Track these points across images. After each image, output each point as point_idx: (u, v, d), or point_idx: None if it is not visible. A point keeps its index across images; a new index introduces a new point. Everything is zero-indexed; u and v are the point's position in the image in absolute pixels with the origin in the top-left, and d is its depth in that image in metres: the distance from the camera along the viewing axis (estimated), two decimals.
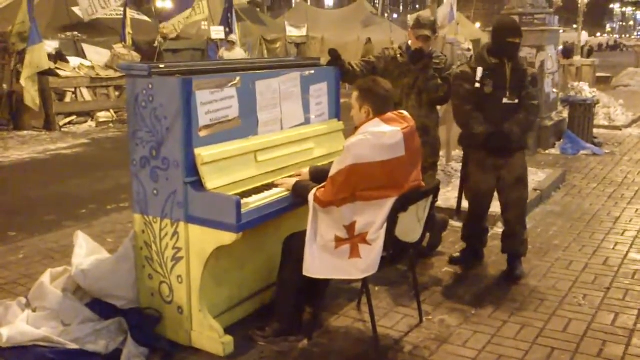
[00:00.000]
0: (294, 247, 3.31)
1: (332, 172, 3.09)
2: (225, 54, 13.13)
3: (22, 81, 11.07)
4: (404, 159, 3.10)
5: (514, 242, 4.39)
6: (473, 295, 4.08)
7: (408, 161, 3.14)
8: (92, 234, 4.41)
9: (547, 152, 8.80)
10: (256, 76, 3.55)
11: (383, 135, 3.05)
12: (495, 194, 4.44)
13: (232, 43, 13.22)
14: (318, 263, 3.12)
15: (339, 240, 3.09)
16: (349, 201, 3.04)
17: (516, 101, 4.22)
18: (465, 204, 4.63)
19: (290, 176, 3.57)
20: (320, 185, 3.17)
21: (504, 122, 4.18)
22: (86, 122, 12.11)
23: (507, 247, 4.43)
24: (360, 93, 3.26)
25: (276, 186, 3.41)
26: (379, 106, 3.21)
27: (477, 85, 4.20)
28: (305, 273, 3.14)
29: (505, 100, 4.20)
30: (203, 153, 3.14)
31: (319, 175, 3.39)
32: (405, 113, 3.30)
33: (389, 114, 3.19)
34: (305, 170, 3.58)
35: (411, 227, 3.31)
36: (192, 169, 3.13)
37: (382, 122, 3.13)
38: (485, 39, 17.43)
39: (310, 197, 3.14)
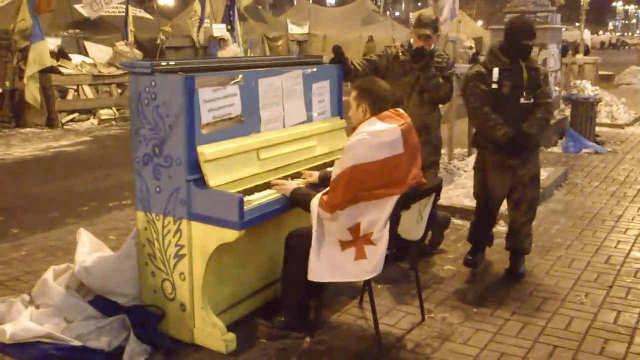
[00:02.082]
0: (297, 243, 3.31)
1: (334, 175, 3.08)
2: (220, 52, 12.61)
3: (26, 79, 11.07)
4: (403, 156, 3.10)
5: (520, 240, 4.34)
6: (475, 293, 4.08)
7: (407, 158, 3.13)
8: (95, 232, 4.41)
9: (549, 150, 8.78)
10: (259, 74, 3.55)
11: (381, 133, 3.05)
12: None
13: (225, 41, 12.58)
14: (324, 268, 3.11)
15: (344, 244, 3.09)
16: (352, 203, 3.03)
17: (532, 101, 4.15)
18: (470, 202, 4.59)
19: (302, 176, 3.57)
20: (324, 191, 3.16)
21: (521, 123, 4.10)
22: (88, 119, 12.10)
23: (512, 244, 4.40)
24: (359, 92, 3.26)
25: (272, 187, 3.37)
26: (377, 105, 3.20)
27: (495, 86, 4.10)
28: (311, 278, 3.13)
29: (522, 101, 4.12)
30: (206, 151, 3.14)
31: (328, 181, 3.28)
32: (402, 110, 3.29)
33: (385, 112, 3.19)
34: (317, 174, 3.57)
35: (413, 225, 3.31)
36: (194, 166, 3.14)
37: (378, 121, 3.12)
38: (488, 37, 17.41)
39: (315, 203, 3.13)
